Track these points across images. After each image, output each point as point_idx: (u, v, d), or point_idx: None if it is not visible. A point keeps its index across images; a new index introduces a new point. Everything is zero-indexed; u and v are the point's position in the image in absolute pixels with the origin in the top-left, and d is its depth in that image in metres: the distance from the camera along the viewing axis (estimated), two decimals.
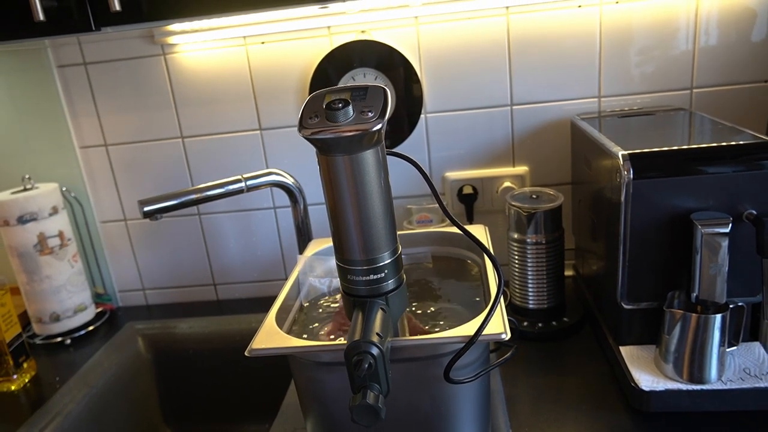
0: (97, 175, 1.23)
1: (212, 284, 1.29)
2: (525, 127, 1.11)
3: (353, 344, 0.52)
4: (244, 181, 0.96)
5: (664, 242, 0.76)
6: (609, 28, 1.04)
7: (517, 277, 0.98)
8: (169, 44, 1.12)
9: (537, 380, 0.88)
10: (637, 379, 0.77)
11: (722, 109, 1.05)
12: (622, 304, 0.80)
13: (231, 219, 1.23)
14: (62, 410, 0.95)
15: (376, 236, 0.56)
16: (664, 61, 1.05)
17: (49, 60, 1.15)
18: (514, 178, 1.13)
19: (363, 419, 0.52)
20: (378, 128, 0.52)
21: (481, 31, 1.06)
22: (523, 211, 0.94)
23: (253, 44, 1.10)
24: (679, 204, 0.74)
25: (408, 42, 1.08)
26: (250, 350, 0.62)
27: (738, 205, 0.73)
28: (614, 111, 1.07)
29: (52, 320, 1.15)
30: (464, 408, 0.65)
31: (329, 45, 1.09)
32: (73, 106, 1.18)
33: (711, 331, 0.73)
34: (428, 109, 1.12)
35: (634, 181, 0.74)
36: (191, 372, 1.20)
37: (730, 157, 0.73)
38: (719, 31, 1.02)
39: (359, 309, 0.57)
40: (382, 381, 0.53)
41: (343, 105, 0.52)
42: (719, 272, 0.71)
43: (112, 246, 1.28)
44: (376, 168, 0.54)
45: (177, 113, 1.17)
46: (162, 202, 0.91)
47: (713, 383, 0.75)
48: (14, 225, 1.09)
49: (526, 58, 1.07)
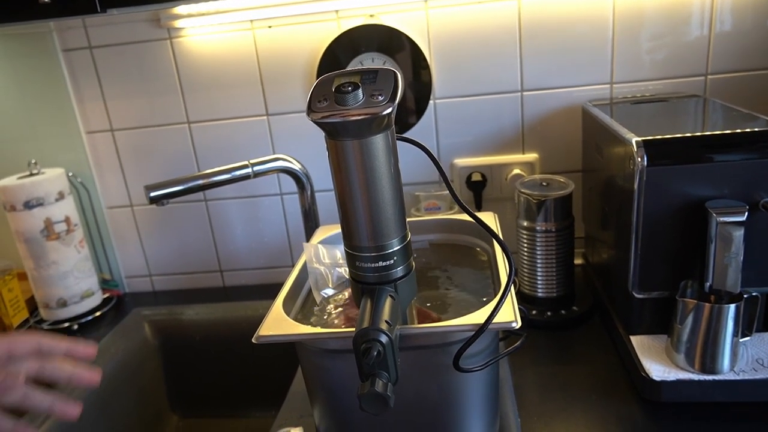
0: (104, 161, 1.22)
1: (218, 271, 1.29)
2: (535, 113, 1.09)
3: (362, 332, 0.51)
4: (251, 166, 0.95)
5: (677, 231, 0.75)
6: (622, 13, 1.02)
7: (526, 265, 0.98)
8: (176, 28, 1.10)
9: (546, 369, 0.87)
10: (648, 369, 0.76)
11: (737, 95, 1.03)
12: (634, 294, 0.79)
13: (237, 205, 1.23)
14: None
15: (386, 222, 0.55)
16: (678, 47, 1.03)
17: (54, 44, 1.14)
18: (524, 166, 1.11)
19: (371, 407, 0.51)
20: (388, 112, 0.51)
21: (492, 16, 1.04)
22: (533, 198, 0.93)
23: (260, 28, 1.09)
24: (693, 192, 0.73)
25: (417, 26, 1.06)
26: (258, 337, 0.61)
27: (754, 194, 0.72)
28: (626, 97, 1.05)
29: (59, 306, 1.15)
30: (473, 396, 0.64)
31: (337, 29, 1.07)
32: (79, 90, 1.17)
33: (724, 321, 0.72)
34: (437, 95, 1.10)
35: (648, 169, 0.72)
36: (197, 358, 1.20)
37: (746, 144, 0.72)
38: (734, 17, 1.00)
39: (368, 296, 0.57)
40: (390, 369, 0.52)
41: (353, 88, 0.51)
42: (733, 262, 0.70)
43: (118, 232, 1.28)
44: (385, 153, 0.53)
45: (183, 98, 1.16)
46: (168, 187, 0.91)
47: (725, 374, 0.74)
48: (21, 210, 1.09)
49: (537, 43, 1.05)
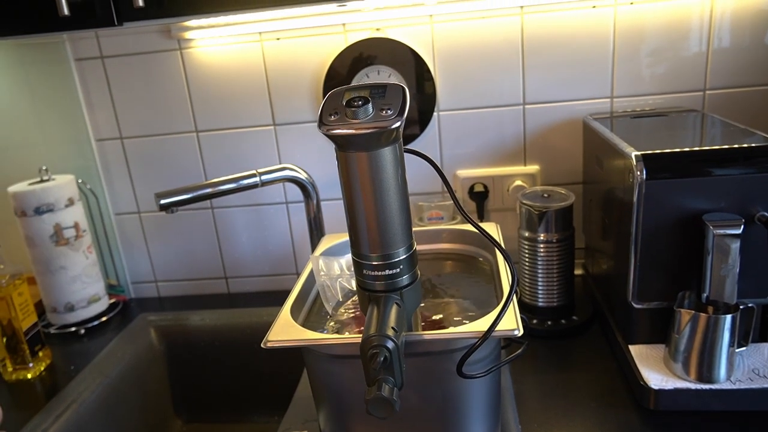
0: (112, 168, 1.24)
1: (224, 277, 1.31)
2: (537, 126, 1.11)
3: (369, 338, 0.53)
4: (259, 176, 0.97)
5: (675, 243, 0.77)
6: (623, 29, 1.04)
7: (527, 274, 0.99)
8: (186, 39, 1.13)
9: (546, 377, 0.89)
10: (646, 378, 0.78)
11: (735, 111, 1.05)
12: (633, 304, 0.81)
13: (243, 213, 1.25)
14: (77, 398, 0.97)
15: (393, 232, 0.57)
16: (677, 63, 1.05)
17: (67, 53, 1.16)
18: (526, 177, 1.13)
19: (378, 411, 0.53)
20: (397, 126, 0.53)
21: (496, 31, 1.06)
22: (534, 209, 0.95)
23: (268, 40, 1.11)
24: (691, 205, 0.75)
25: (422, 40, 1.08)
26: (266, 342, 0.63)
27: (750, 207, 0.74)
28: (626, 111, 1.07)
29: (66, 310, 1.17)
30: (475, 402, 0.66)
31: (344, 42, 1.09)
32: (90, 99, 1.19)
33: (721, 332, 0.74)
34: (441, 107, 1.12)
35: (647, 182, 0.74)
36: (202, 363, 1.21)
37: (743, 159, 0.74)
38: (733, 34, 1.02)
39: (374, 303, 0.58)
40: (396, 374, 0.54)
41: (363, 103, 0.53)
42: (730, 273, 0.72)
43: (125, 238, 1.29)
44: (393, 165, 0.55)
45: (192, 107, 1.18)
46: (178, 195, 0.92)
47: (722, 383, 0.75)
48: (31, 216, 1.10)
49: (540, 57, 1.07)
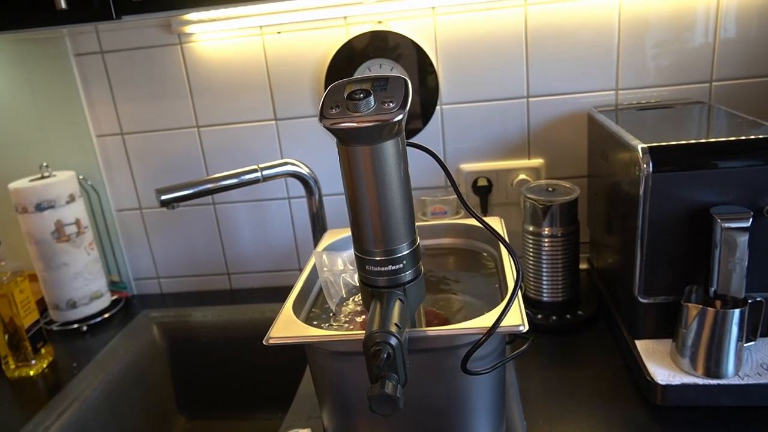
0: (113, 164, 1.23)
1: (226, 273, 1.30)
2: (541, 119, 1.10)
3: (372, 334, 0.52)
4: (260, 171, 0.96)
5: (682, 236, 0.76)
6: (628, 20, 1.03)
7: (532, 269, 0.98)
8: (186, 33, 1.12)
9: (551, 373, 0.88)
10: (653, 373, 0.77)
11: (742, 102, 1.04)
12: (639, 298, 0.80)
13: (245, 209, 1.24)
14: (80, 396, 0.97)
15: (395, 227, 0.56)
16: (683, 54, 1.04)
17: (66, 48, 1.15)
18: (530, 171, 1.12)
19: (381, 409, 0.52)
20: (399, 119, 0.52)
21: (499, 23, 1.05)
22: (538, 203, 0.94)
23: (269, 34, 1.10)
24: (698, 198, 0.74)
25: (424, 33, 1.07)
26: (268, 339, 0.62)
27: (758, 200, 0.72)
28: (632, 104, 1.06)
29: (68, 307, 1.16)
30: (480, 399, 0.65)
31: (345, 35, 1.08)
32: (90, 94, 1.19)
33: (729, 326, 0.73)
34: (444, 101, 1.11)
35: (654, 175, 0.73)
36: (205, 360, 1.21)
37: (750, 151, 0.73)
38: (739, 24, 1.01)
39: (377, 300, 0.57)
40: (400, 371, 0.53)
41: (365, 95, 0.52)
42: (738, 267, 0.71)
43: (127, 234, 1.29)
44: (396, 159, 0.54)
45: (193, 102, 1.17)
46: (179, 191, 0.92)
47: (730, 378, 0.74)
48: (32, 212, 1.10)
49: (544, 50, 1.06)
